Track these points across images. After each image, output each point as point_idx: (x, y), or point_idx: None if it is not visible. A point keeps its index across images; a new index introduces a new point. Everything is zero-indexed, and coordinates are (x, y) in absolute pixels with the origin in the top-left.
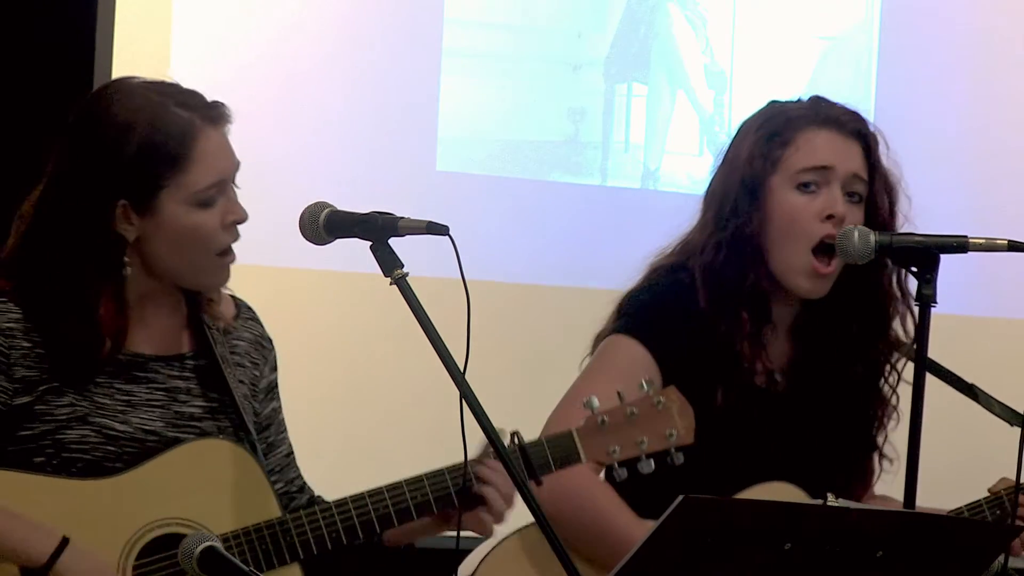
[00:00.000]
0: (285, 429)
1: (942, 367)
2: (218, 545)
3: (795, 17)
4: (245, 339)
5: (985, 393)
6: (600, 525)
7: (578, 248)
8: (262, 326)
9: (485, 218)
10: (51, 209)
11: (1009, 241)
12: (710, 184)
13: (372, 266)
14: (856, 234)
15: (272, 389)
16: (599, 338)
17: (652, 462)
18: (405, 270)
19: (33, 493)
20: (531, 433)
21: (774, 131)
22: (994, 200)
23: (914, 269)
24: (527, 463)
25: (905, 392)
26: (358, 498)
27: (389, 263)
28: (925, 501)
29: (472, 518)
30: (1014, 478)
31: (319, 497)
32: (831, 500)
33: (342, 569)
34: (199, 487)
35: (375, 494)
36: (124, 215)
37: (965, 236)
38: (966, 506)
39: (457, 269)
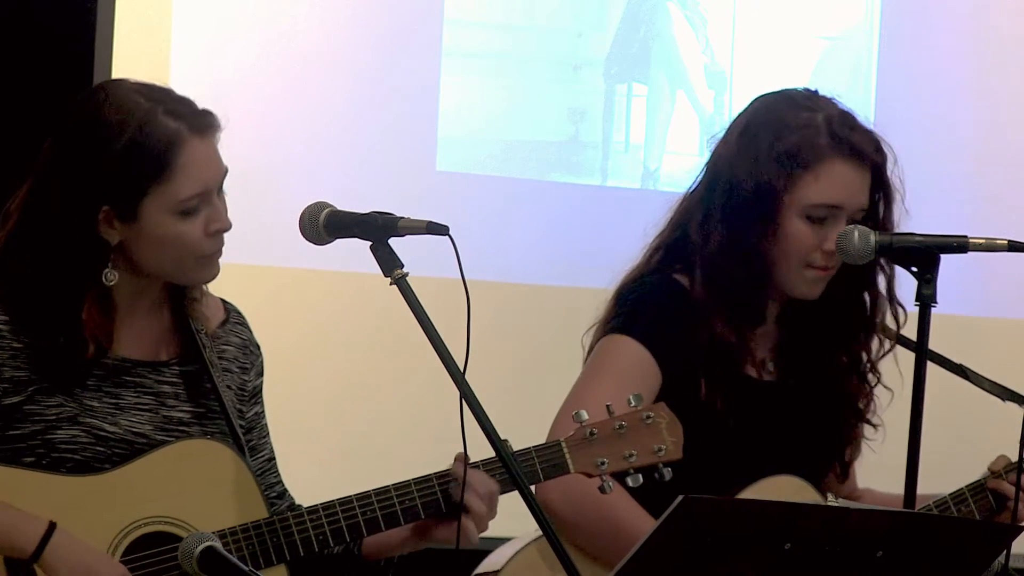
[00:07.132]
0: (267, 434)
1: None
2: (218, 545)
3: (795, 17)
4: (233, 343)
5: (975, 372)
6: (619, 531)
7: (578, 248)
8: (250, 331)
9: (485, 218)
10: (36, 210)
11: (1009, 241)
12: (718, 150)
13: (372, 266)
14: (856, 234)
15: (257, 394)
16: (595, 335)
17: (640, 476)
18: (405, 270)
19: (19, 487)
20: (532, 432)
21: (798, 148)
22: (994, 200)
23: (914, 269)
24: (512, 473)
25: (903, 391)
26: (346, 501)
27: (389, 263)
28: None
29: (453, 528)
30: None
31: (299, 505)
32: (831, 500)
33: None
34: (186, 486)
35: (363, 498)
36: (107, 220)
37: (965, 236)
38: (966, 488)
39: (457, 269)
